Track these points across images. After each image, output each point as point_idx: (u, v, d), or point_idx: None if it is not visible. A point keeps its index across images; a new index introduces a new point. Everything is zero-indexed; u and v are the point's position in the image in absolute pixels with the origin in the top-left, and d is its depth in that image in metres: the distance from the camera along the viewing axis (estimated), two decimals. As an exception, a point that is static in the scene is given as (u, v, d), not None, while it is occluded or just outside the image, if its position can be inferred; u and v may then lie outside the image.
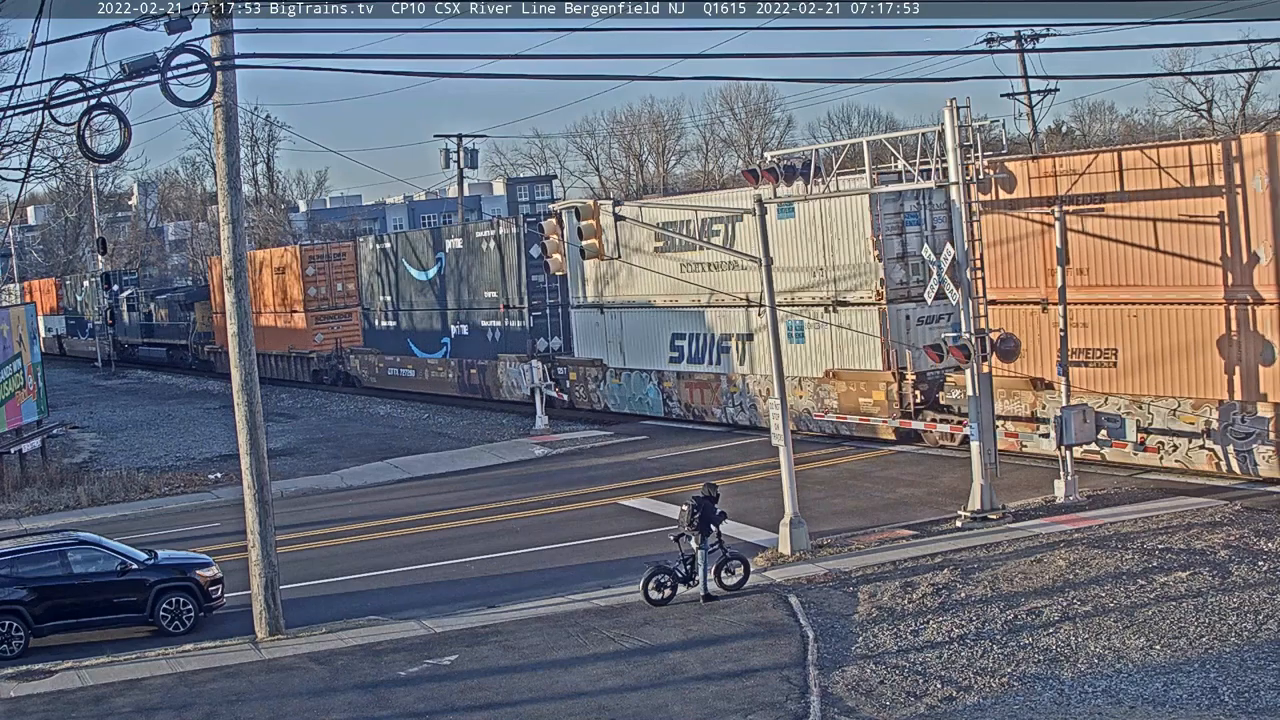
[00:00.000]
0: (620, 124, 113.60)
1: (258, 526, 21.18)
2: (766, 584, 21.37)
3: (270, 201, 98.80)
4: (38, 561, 22.00)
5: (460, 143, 69.37)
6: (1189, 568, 19.68)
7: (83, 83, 17.53)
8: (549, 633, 19.81)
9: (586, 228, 26.83)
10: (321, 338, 59.87)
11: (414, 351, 52.78)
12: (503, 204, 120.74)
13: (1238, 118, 73.58)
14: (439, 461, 37.44)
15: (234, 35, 20.13)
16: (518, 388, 44.99)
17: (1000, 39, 55.94)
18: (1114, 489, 25.60)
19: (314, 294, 59.99)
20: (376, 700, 17.67)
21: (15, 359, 39.49)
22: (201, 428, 48.61)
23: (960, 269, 24.62)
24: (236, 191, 21.18)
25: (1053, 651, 17.05)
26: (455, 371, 49.52)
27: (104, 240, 77.54)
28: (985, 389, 24.62)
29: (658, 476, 31.57)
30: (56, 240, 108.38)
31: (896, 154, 25.42)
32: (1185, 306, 25.45)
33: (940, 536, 23.39)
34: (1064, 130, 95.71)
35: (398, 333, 54.31)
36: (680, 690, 16.89)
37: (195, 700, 18.23)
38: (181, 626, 21.98)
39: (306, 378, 60.65)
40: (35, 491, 36.39)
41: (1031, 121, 59.34)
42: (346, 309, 59.93)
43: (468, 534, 27.67)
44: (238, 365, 21.26)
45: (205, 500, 34.61)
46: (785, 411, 23.36)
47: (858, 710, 15.82)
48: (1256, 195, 23.96)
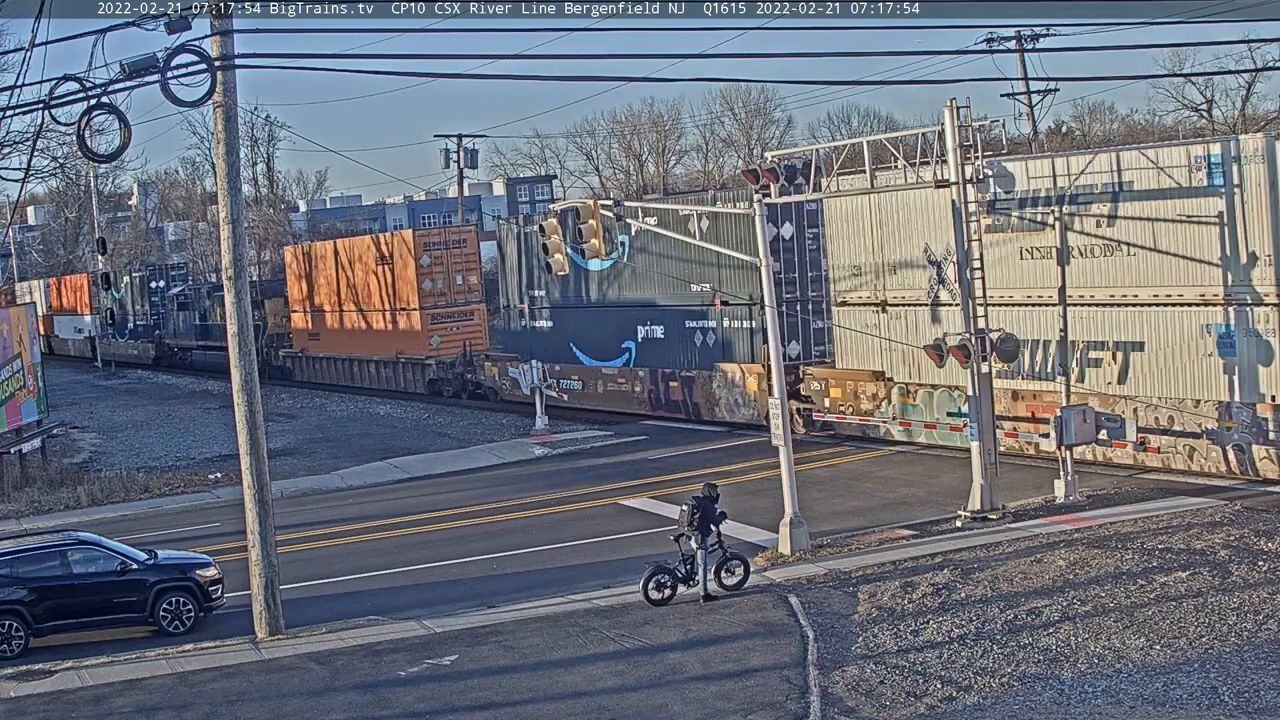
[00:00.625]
0: (620, 124, 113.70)
1: (258, 526, 21.18)
2: (766, 584, 21.37)
3: (270, 201, 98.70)
4: (38, 561, 22.00)
5: (460, 143, 69.43)
6: (1189, 568, 19.68)
7: (83, 83, 17.52)
8: (549, 633, 19.81)
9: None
10: (440, 340, 50.37)
11: (579, 358, 43.18)
12: (502, 204, 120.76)
13: (1238, 118, 73.58)
14: (439, 461, 37.44)
15: (234, 35, 20.14)
16: (741, 406, 36.42)
17: (1000, 39, 55.97)
18: (1114, 489, 25.60)
19: (430, 288, 50.74)
20: (376, 700, 17.67)
21: (15, 359, 39.50)
22: (201, 428, 48.61)
23: (960, 269, 24.63)
24: (236, 191, 21.19)
25: (1053, 651, 17.05)
26: (644, 384, 40.10)
27: (104, 240, 76.28)
28: (985, 389, 24.62)
29: (658, 476, 31.57)
30: (56, 240, 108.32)
31: (896, 154, 25.42)
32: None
33: (940, 536, 23.39)
34: (1064, 130, 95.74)
35: (553, 335, 44.40)
36: (680, 690, 16.89)
37: (195, 700, 18.23)
38: (181, 626, 21.98)
39: (419, 388, 51.02)
40: (35, 491, 36.39)
41: (1031, 121, 59.38)
42: (467, 306, 51.23)
43: (468, 534, 27.67)
44: (238, 365, 21.30)
45: (205, 500, 34.61)
46: (785, 412, 23.35)
47: (858, 710, 15.81)
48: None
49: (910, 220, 30.63)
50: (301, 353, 61.44)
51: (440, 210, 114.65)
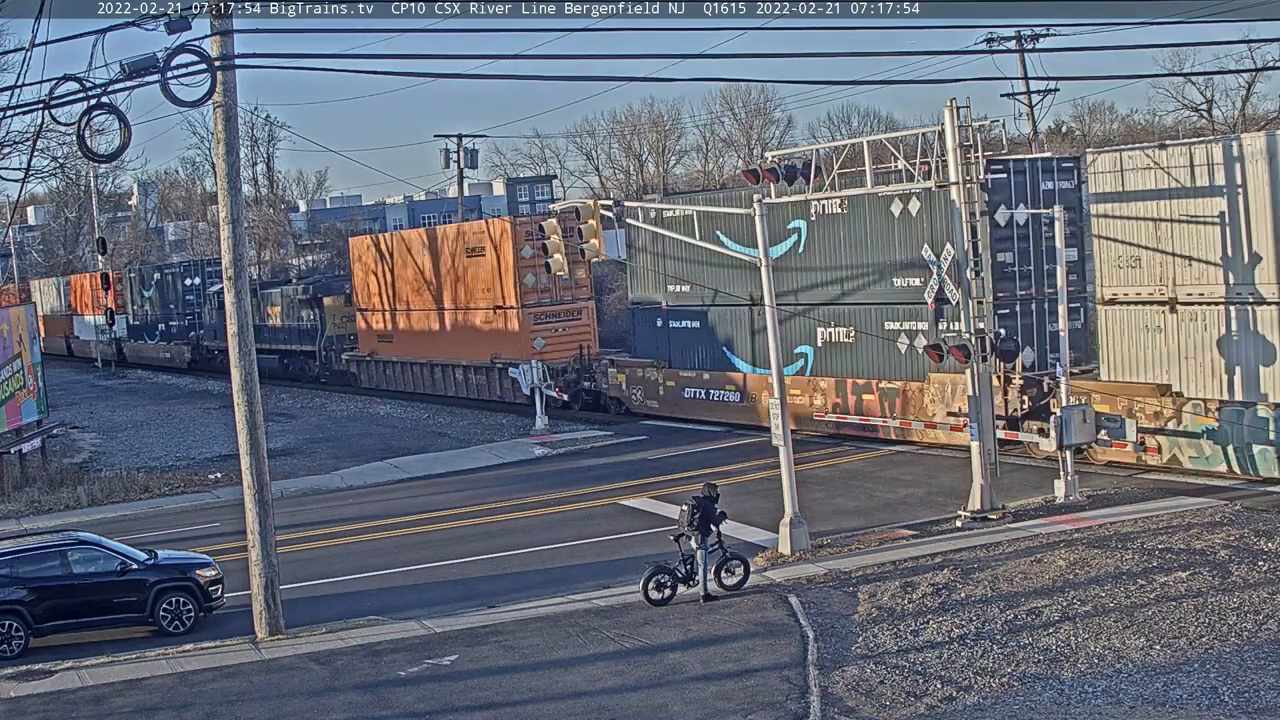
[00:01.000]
0: (620, 124, 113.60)
1: (258, 526, 21.18)
2: (766, 584, 21.37)
3: (270, 201, 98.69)
4: (38, 561, 22.00)
5: (460, 143, 69.39)
6: (1189, 568, 19.68)
7: (83, 83, 17.53)
8: (549, 633, 19.81)
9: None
10: (544, 343, 44.12)
11: (734, 364, 37.37)
12: (502, 204, 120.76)
13: (1238, 118, 73.55)
14: (439, 461, 37.43)
15: (234, 35, 20.15)
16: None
17: (1000, 39, 55.96)
18: (1114, 489, 25.60)
19: (532, 283, 44.53)
20: (376, 700, 17.67)
21: (15, 359, 39.51)
22: (201, 428, 48.58)
23: (960, 269, 24.63)
24: (236, 191, 21.19)
25: (1053, 651, 17.05)
26: (826, 396, 33.85)
27: (104, 240, 75.98)
28: (985, 389, 24.62)
29: (658, 476, 31.56)
30: (56, 240, 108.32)
31: (896, 154, 25.43)
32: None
33: (940, 536, 23.39)
34: (1064, 130, 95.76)
35: (697, 337, 38.62)
36: (680, 690, 16.89)
37: (195, 700, 18.23)
38: (181, 626, 21.98)
39: (519, 396, 43.33)
40: (35, 491, 36.39)
41: (1031, 121, 59.36)
42: (575, 304, 44.93)
43: (468, 534, 27.66)
44: (238, 365, 21.27)
45: (205, 500, 34.60)
46: (785, 411, 23.35)
47: (858, 710, 15.81)
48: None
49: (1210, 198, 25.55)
50: (370, 356, 54.75)
51: (440, 210, 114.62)
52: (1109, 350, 27.80)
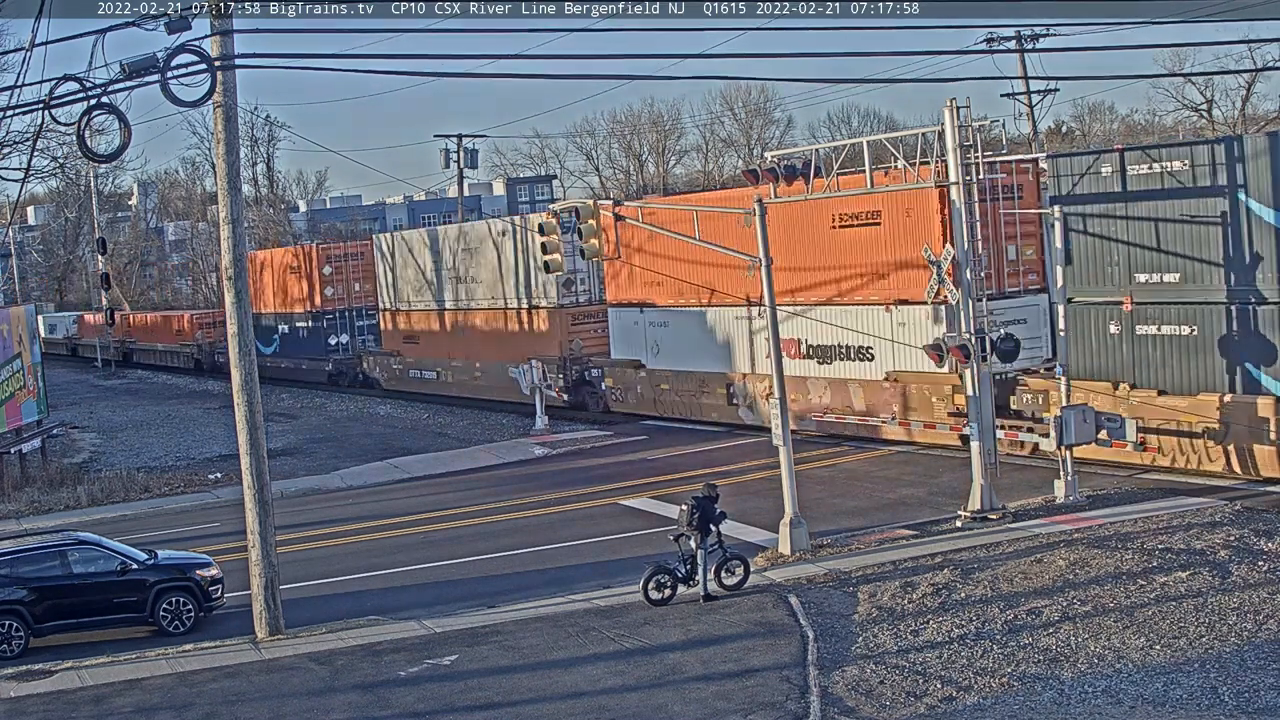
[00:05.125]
0: (620, 124, 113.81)
1: (258, 526, 21.18)
2: (766, 584, 21.37)
3: (270, 201, 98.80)
4: (38, 561, 22.01)
5: (460, 143, 69.34)
6: (1189, 568, 19.68)
7: (83, 83, 17.53)
8: (549, 633, 19.81)
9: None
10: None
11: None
12: (502, 204, 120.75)
13: (1238, 118, 73.57)
14: (439, 461, 37.43)
15: (234, 35, 20.16)
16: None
17: (1000, 39, 55.92)
18: (1114, 489, 25.60)
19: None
20: (376, 700, 17.67)
21: (15, 359, 39.51)
22: (201, 428, 48.61)
23: (960, 269, 24.62)
24: (236, 191, 21.19)
25: (1053, 651, 17.05)
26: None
27: (104, 240, 76.23)
28: (985, 389, 24.62)
29: (658, 476, 31.55)
30: (56, 240, 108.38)
31: (896, 154, 25.42)
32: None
33: (940, 536, 23.38)
34: (1064, 130, 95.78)
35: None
36: (680, 690, 16.89)
37: (195, 700, 18.23)
38: (181, 626, 21.98)
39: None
40: (35, 491, 36.42)
41: (1031, 121, 59.32)
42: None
43: (468, 534, 27.67)
44: (238, 365, 21.27)
45: (205, 500, 34.61)
46: (785, 411, 23.34)
47: (858, 710, 15.81)
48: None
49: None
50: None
51: (440, 210, 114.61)
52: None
